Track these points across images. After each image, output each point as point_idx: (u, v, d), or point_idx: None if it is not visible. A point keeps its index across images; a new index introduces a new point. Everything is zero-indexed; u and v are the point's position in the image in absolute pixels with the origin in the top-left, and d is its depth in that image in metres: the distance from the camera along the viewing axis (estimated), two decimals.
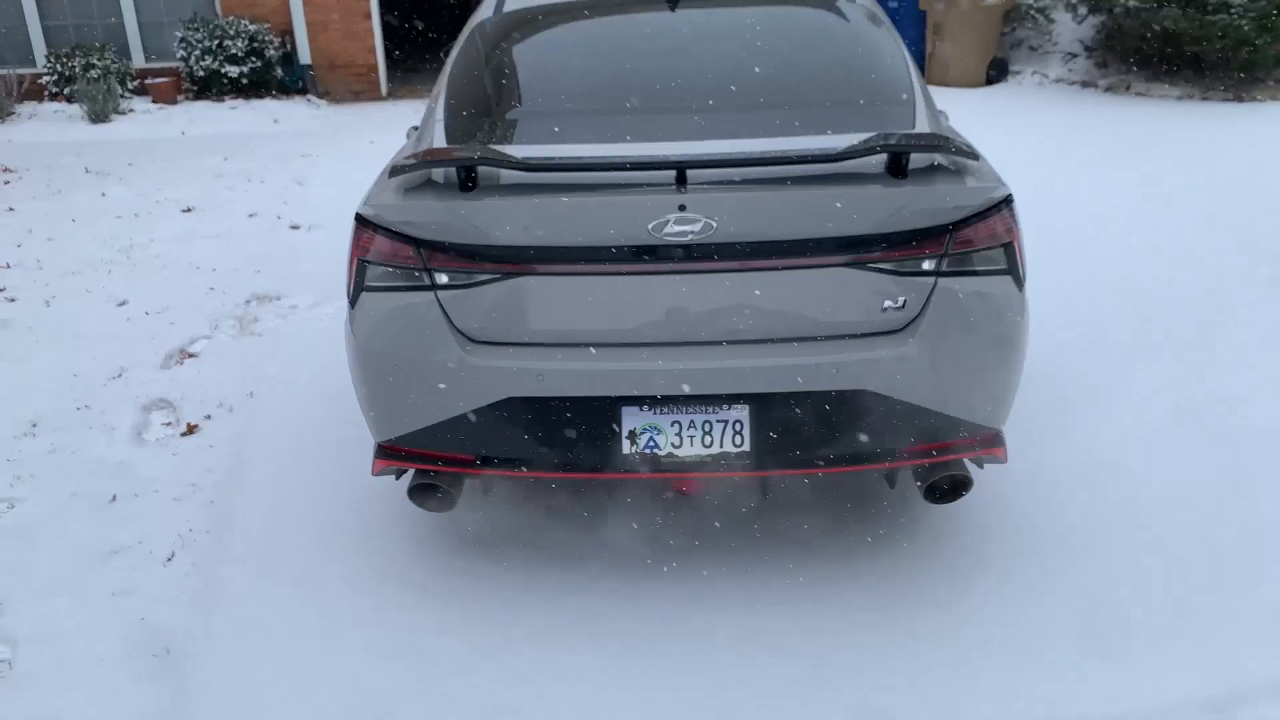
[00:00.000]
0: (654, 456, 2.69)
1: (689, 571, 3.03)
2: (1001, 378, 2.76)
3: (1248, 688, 2.54)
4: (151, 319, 5.10)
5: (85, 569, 3.12)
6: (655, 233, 2.57)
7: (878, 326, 2.69)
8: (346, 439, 3.72)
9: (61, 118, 10.81)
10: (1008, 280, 2.71)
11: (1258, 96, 9.53)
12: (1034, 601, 2.87)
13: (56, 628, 2.87)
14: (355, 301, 2.78)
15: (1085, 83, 10.97)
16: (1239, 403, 3.78)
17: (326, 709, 2.57)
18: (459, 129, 3.04)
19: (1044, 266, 4.33)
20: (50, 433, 3.95)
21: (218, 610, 2.94)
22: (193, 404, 4.18)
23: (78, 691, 2.64)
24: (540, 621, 2.86)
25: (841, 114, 3.02)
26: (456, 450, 2.77)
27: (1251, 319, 4.48)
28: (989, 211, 2.67)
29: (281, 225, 6.83)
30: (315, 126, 10.77)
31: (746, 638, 2.78)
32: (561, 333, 2.70)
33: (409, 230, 2.67)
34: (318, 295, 5.35)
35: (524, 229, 2.63)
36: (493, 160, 2.64)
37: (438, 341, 2.68)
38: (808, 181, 2.65)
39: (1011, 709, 2.52)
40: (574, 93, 3.21)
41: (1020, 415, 3.13)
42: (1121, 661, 2.65)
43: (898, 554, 3.08)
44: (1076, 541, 3.12)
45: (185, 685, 2.66)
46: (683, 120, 2.99)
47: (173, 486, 3.57)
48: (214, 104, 11.40)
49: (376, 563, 3.13)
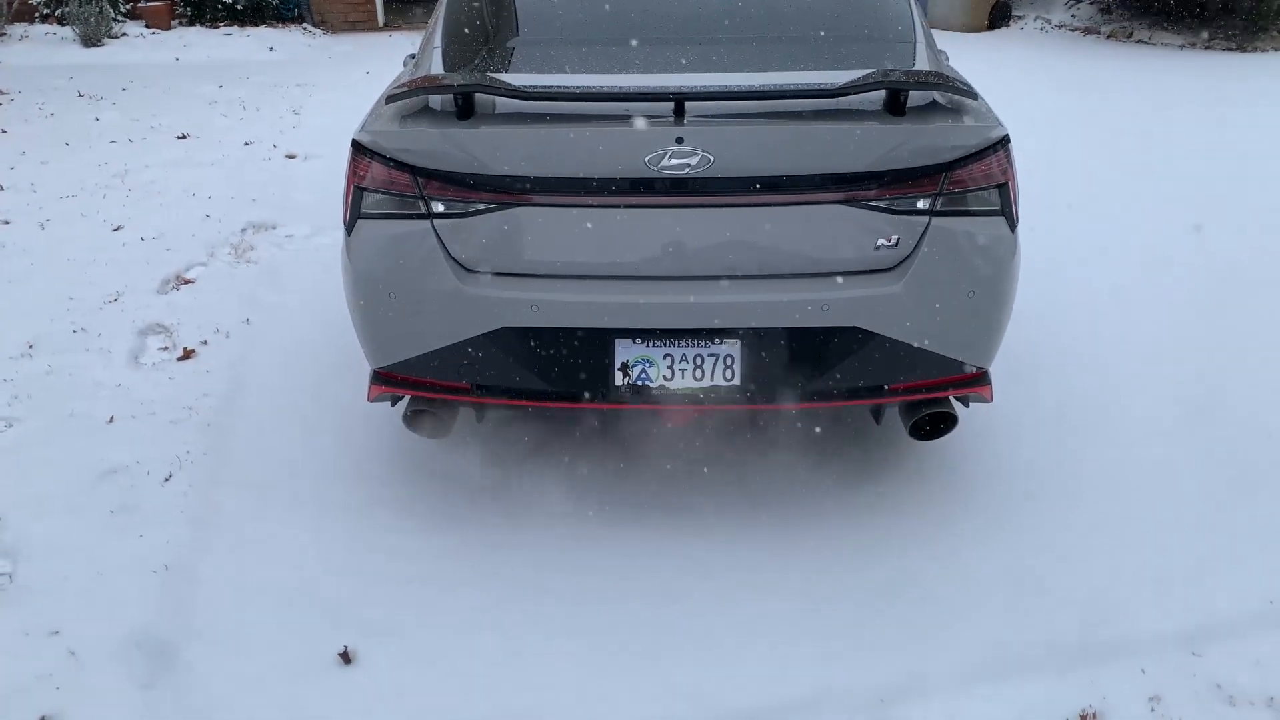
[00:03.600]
0: (645, 388, 2.73)
1: (681, 504, 3.09)
2: (991, 318, 2.78)
3: (1217, 624, 2.62)
4: (147, 245, 5.10)
5: (83, 487, 3.17)
6: (652, 165, 2.58)
7: (870, 264, 2.71)
8: (342, 366, 3.76)
9: (53, 40, 10.66)
10: (1001, 221, 2.72)
11: (1260, 46, 9.45)
12: (1008, 541, 2.93)
13: (56, 543, 2.92)
14: (351, 229, 2.78)
15: (1088, 29, 10.86)
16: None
17: (321, 628, 2.63)
18: (456, 57, 3.02)
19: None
20: (47, 354, 3.98)
21: (215, 530, 3.00)
22: (189, 329, 4.20)
23: (77, 605, 2.70)
24: (532, 544, 2.93)
25: (842, 50, 3.02)
26: (451, 378, 2.80)
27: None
28: (985, 151, 2.68)
29: (277, 154, 6.79)
30: (311, 55, 10.63)
31: (736, 565, 2.85)
32: (556, 264, 2.71)
33: (405, 158, 2.67)
34: (314, 225, 5.34)
35: (520, 159, 2.63)
36: (489, 88, 2.63)
37: (433, 270, 2.70)
38: (806, 117, 2.65)
39: (980, 642, 2.60)
40: (572, 22, 3.19)
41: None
42: (1090, 599, 2.73)
43: (884, 490, 3.14)
44: (1056, 482, 3.19)
45: (183, 601, 2.72)
46: (682, 52, 2.97)
47: (169, 409, 3.61)
48: (208, 30, 11.24)
49: (370, 488, 3.18)
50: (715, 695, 2.45)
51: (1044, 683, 2.46)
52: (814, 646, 2.58)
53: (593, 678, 2.50)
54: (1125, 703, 2.39)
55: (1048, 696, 2.42)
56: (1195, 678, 2.46)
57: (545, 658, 2.55)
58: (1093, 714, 2.37)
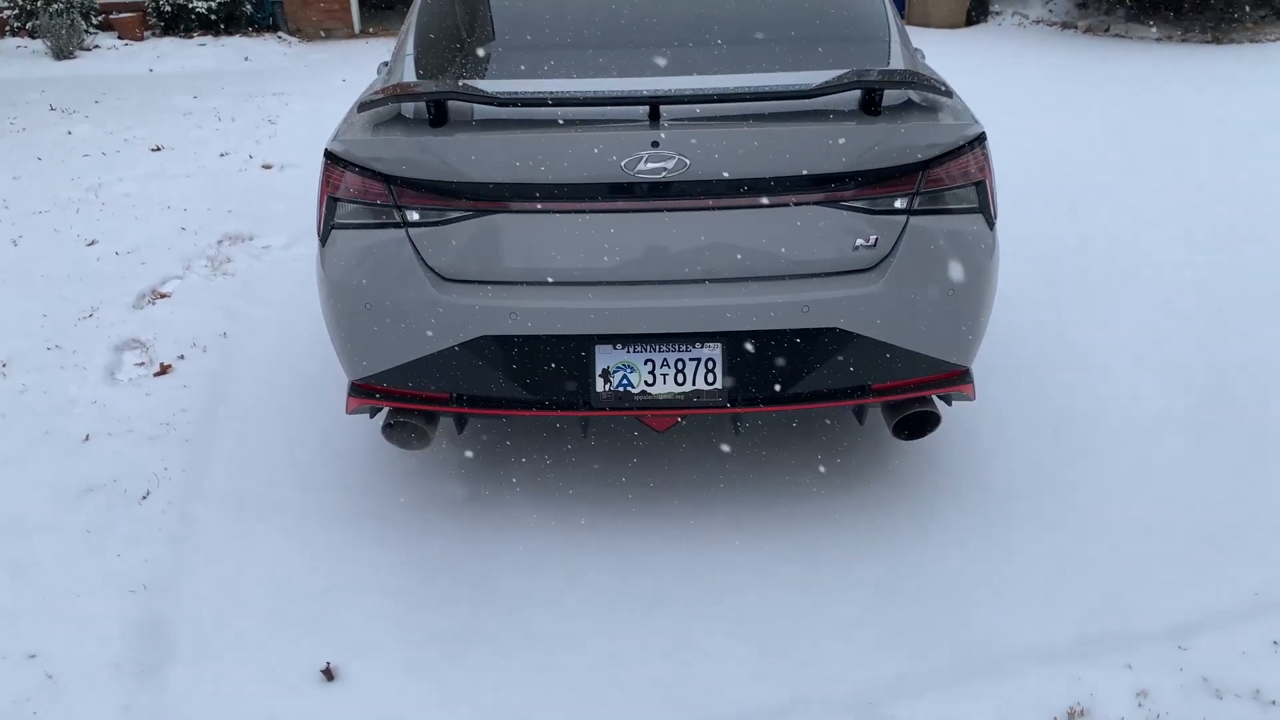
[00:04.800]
0: (627, 394, 2.71)
1: (664, 507, 3.07)
2: (971, 316, 2.78)
3: (1203, 618, 2.63)
4: (122, 259, 5.05)
5: (60, 507, 3.13)
6: (628, 170, 2.56)
7: (849, 265, 2.70)
8: (321, 378, 3.72)
9: (24, 54, 10.56)
10: (979, 219, 2.72)
11: (1235, 38, 9.52)
12: (997, 539, 2.93)
13: (33, 564, 2.88)
14: (326, 239, 2.76)
15: (1065, 24, 10.92)
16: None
17: (303, 644, 2.60)
18: (429, 63, 3.00)
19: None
20: (21, 372, 3.93)
21: (194, 547, 2.96)
22: (165, 344, 4.16)
23: (55, 627, 2.66)
24: (517, 553, 2.90)
25: (816, 51, 3.01)
26: (430, 388, 2.78)
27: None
28: (961, 149, 2.67)
29: (253, 164, 6.73)
30: (286, 64, 10.57)
31: (724, 568, 2.83)
32: (534, 271, 2.69)
33: (379, 166, 2.65)
34: (290, 235, 5.30)
35: (495, 165, 2.61)
36: (462, 95, 2.61)
37: (409, 280, 2.67)
38: (781, 118, 2.64)
39: (968, 640, 2.59)
40: (546, 27, 3.17)
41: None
42: (1077, 596, 2.73)
43: (867, 489, 3.13)
44: (1043, 478, 3.19)
45: (163, 621, 2.68)
46: (656, 55, 2.96)
47: (146, 426, 3.57)
48: (182, 41, 11.16)
49: (352, 500, 3.15)
50: (703, 699, 2.43)
51: (1032, 680, 2.45)
52: (803, 648, 2.56)
53: (580, 685, 2.47)
54: (1113, 699, 2.39)
55: (1036, 694, 2.41)
56: (1182, 671, 2.45)
57: (533, 669, 2.53)
58: (1081, 710, 2.36)
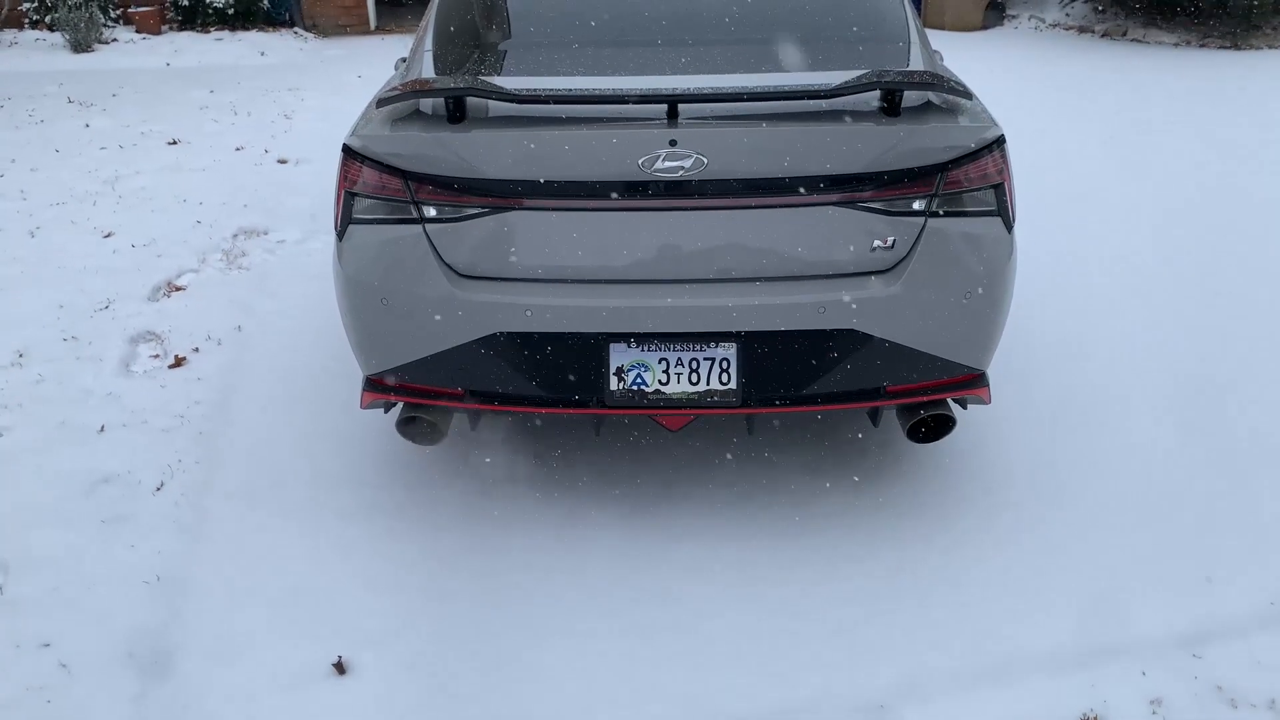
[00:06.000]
0: (641, 393, 2.71)
1: (673, 505, 3.07)
2: (988, 319, 2.77)
3: (1218, 626, 2.61)
4: (138, 251, 5.07)
5: (74, 497, 3.14)
6: (645, 168, 2.56)
7: (866, 266, 2.69)
8: (335, 372, 3.73)
9: (43, 46, 10.61)
10: (997, 222, 2.71)
11: (1255, 44, 9.47)
12: (1009, 544, 2.91)
13: (47, 554, 2.89)
14: (343, 234, 2.76)
15: (1082, 28, 10.87)
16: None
17: (315, 637, 2.61)
18: (447, 60, 3.00)
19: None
20: (37, 363, 3.95)
21: (207, 539, 2.97)
22: (180, 336, 4.17)
23: (68, 616, 2.67)
24: (529, 549, 2.90)
25: (836, 51, 3.00)
26: (444, 384, 2.78)
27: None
28: (980, 152, 2.66)
29: (269, 159, 6.76)
30: (303, 60, 10.60)
31: (733, 567, 2.83)
32: (550, 268, 2.69)
33: (396, 162, 2.65)
34: (306, 230, 5.31)
35: (512, 162, 2.61)
36: (481, 91, 2.61)
37: (425, 275, 2.68)
38: (800, 118, 2.63)
39: (979, 645, 2.58)
40: (564, 25, 3.17)
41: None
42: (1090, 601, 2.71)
43: (880, 490, 3.12)
44: (1054, 482, 3.17)
45: (176, 612, 2.69)
46: (675, 54, 2.95)
47: (161, 418, 3.58)
48: (199, 35, 11.20)
49: (364, 494, 3.15)
50: (711, 700, 2.43)
51: (1044, 686, 2.44)
52: (812, 650, 2.56)
53: (588, 683, 2.47)
54: (1126, 706, 2.37)
55: (1048, 700, 2.40)
56: (1196, 680, 2.44)
57: (541, 665, 2.53)
58: (1094, 717, 2.35)
